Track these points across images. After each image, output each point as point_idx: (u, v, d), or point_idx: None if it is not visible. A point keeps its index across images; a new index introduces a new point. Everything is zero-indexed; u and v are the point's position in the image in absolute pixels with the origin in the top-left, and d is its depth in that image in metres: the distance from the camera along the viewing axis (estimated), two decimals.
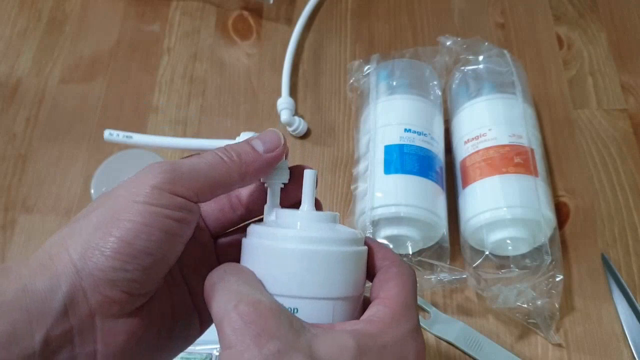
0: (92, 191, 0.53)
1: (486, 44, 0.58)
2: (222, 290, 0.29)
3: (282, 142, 0.34)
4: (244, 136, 0.35)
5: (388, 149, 0.52)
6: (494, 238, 0.49)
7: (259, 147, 0.33)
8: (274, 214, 0.34)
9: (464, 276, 0.50)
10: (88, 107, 0.65)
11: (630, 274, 0.53)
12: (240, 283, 0.30)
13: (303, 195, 0.33)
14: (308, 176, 0.33)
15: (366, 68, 0.60)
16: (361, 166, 0.54)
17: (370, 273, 0.33)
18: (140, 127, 0.63)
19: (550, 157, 0.59)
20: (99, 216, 0.29)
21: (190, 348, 0.49)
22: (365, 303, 0.32)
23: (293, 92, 0.64)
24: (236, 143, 0.33)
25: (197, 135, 0.62)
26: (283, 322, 0.28)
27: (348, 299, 0.31)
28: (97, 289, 0.28)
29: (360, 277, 0.32)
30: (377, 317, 0.30)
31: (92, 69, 0.67)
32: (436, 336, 0.50)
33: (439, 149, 0.54)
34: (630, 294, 0.51)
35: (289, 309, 0.29)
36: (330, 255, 0.30)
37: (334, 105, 0.64)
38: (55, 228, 0.58)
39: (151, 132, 0.63)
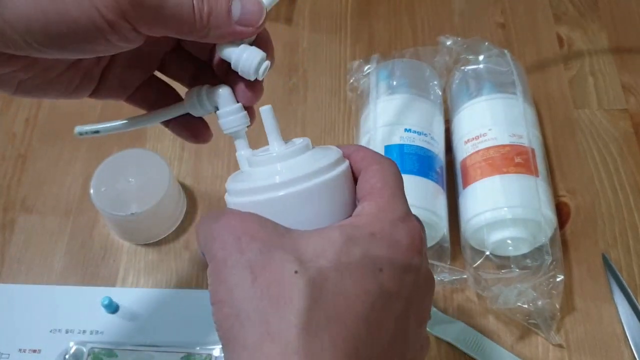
0: (92, 191, 0.53)
1: (486, 43, 0.58)
2: (206, 217, 0.30)
3: (262, 18, 0.31)
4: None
5: (388, 149, 0.52)
6: (494, 238, 0.49)
7: (235, 13, 0.30)
8: (247, 162, 0.33)
9: (464, 276, 0.50)
10: (87, 107, 0.65)
11: (631, 274, 0.53)
12: (224, 210, 0.30)
13: (268, 135, 0.32)
14: (265, 114, 0.32)
15: (366, 68, 0.60)
16: None
17: (354, 177, 0.32)
18: None
19: (551, 157, 0.58)
20: None
21: (190, 348, 0.50)
22: None
23: (293, 92, 0.64)
24: None
25: None
26: (266, 226, 0.28)
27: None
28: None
29: (349, 194, 0.31)
30: (364, 212, 0.29)
31: None
32: (436, 337, 0.50)
33: (439, 149, 0.54)
34: (631, 294, 0.51)
35: None
36: (315, 189, 0.30)
37: (334, 105, 0.63)
38: (54, 228, 0.58)
39: (151, 132, 0.62)
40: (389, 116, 0.54)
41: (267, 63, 0.32)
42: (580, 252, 0.54)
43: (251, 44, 0.32)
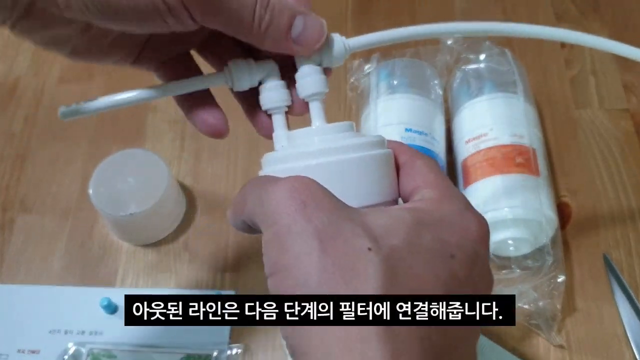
0: (91, 191, 0.53)
1: (487, 43, 0.58)
2: (258, 179, 0.28)
3: (321, 41, 0.31)
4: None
5: None
6: (495, 238, 0.49)
7: (296, 30, 0.30)
8: (284, 139, 0.32)
9: None
10: None
11: (632, 275, 0.52)
12: (275, 176, 0.28)
13: (311, 115, 0.32)
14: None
15: (366, 67, 0.59)
16: None
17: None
18: (139, 126, 0.63)
19: (552, 157, 0.58)
20: None
21: (190, 349, 0.49)
22: None
23: None
24: (280, 6, 0.30)
25: (196, 135, 0.62)
26: (330, 194, 0.26)
27: (388, 203, 0.29)
28: None
29: (393, 178, 0.30)
30: (427, 197, 0.28)
31: (90, 68, 0.67)
32: None
33: (440, 149, 0.54)
34: (632, 294, 0.51)
35: None
36: (361, 161, 0.28)
37: (334, 105, 0.63)
38: (53, 228, 0.57)
39: (150, 132, 0.62)
40: (389, 116, 0.54)
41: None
42: (581, 253, 0.54)
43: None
